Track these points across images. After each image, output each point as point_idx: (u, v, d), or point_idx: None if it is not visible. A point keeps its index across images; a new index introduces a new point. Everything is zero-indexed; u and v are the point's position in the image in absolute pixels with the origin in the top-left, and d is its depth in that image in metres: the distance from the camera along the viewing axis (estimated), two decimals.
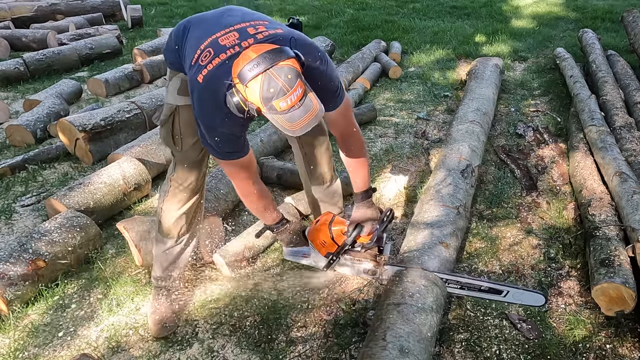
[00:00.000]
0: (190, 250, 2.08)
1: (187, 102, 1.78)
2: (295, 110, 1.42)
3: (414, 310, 1.77)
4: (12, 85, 4.67)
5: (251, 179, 1.77)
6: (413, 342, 1.65)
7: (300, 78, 1.42)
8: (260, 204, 1.85)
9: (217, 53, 1.53)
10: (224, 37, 1.57)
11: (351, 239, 1.90)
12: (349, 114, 1.84)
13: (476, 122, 3.24)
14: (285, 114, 1.42)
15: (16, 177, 3.12)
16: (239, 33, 1.57)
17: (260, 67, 1.38)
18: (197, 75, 1.54)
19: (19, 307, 2.08)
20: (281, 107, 1.40)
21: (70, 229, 2.31)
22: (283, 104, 1.40)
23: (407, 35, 6.15)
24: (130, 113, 3.45)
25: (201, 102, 1.56)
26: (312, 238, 1.97)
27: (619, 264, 2.04)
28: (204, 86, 1.53)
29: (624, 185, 2.48)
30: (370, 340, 1.69)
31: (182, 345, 1.96)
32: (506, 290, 1.92)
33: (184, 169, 1.91)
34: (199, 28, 1.68)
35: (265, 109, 1.43)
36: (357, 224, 1.92)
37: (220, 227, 2.43)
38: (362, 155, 1.92)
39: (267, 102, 1.40)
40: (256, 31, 1.58)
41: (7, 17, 6.33)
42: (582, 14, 6.89)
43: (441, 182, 2.57)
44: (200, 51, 1.57)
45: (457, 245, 2.27)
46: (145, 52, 5.23)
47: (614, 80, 3.96)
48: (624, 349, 1.90)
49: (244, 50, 1.48)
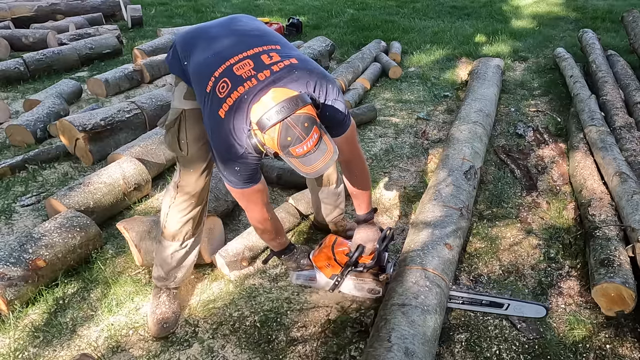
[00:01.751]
0: (195, 252, 2.08)
1: (193, 105, 1.78)
2: (311, 155, 1.46)
3: (418, 312, 1.77)
4: (12, 85, 4.67)
5: (265, 206, 1.80)
6: (418, 345, 1.65)
7: (316, 124, 1.46)
8: (272, 231, 1.89)
9: (234, 85, 1.54)
10: (238, 65, 1.57)
11: (353, 260, 1.94)
12: (354, 140, 1.86)
13: (479, 123, 3.24)
14: (302, 157, 1.47)
15: (16, 177, 3.12)
16: (254, 62, 1.57)
17: (278, 117, 1.41)
18: (217, 110, 1.54)
19: (19, 307, 2.08)
20: (297, 152, 1.45)
21: (70, 229, 2.31)
22: (299, 150, 1.44)
23: (407, 35, 6.15)
24: (130, 113, 3.45)
25: (222, 136, 1.57)
26: (317, 261, 2.02)
27: (619, 264, 2.04)
28: (226, 120, 1.54)
29: (624, 185, 2.48)
30: (375, 341, 1.69)
31: (182, 345, 1.96)
32: (507, 304, 1.96)
33: (189, 175, 1.89)
34: (208, 48, 1.66)
35: (282, 154, 1.48)
36: (359, 245, 1.97)
37: (220, 227, 2.43)
38: (365, 179, 1.96)
39: (285, 148, 1.44)
40: (271, 61, 1.57)
41: (7, 17, 6.32)
42: (582, 14, 6.89)
43: (443, 183, 2.57)
44: (215, 79, 1.57)
45: (460, 246, 2.26)
46: (145, 52, 5.23)
47: (614, 80, 3.96)
48: (624, 349, 1.90)
49: (261, 88, 1.50)
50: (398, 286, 1.91)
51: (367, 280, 2.01)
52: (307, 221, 2.65)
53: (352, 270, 1.97)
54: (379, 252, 1.95)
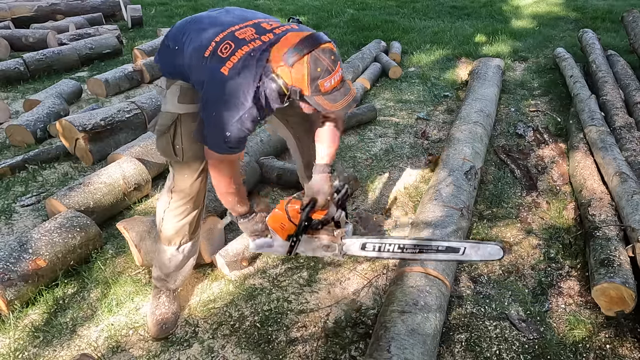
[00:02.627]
0: (193, 257, 2.06)
1: (189, 109, 1.75)
2: (337, 92, 1.52)
3: (418, 319, 1.76)
4: (12, 85, 4.67)
5: (236, 175, 1.77)
6: (417, 354, 1.65)
7: (339, 60, 1.51)
8: (236, 198, 1.83)
9: (238, 45, 1.54)
10: (240, 31, 1.58)
11: (305, 214, 1.81)
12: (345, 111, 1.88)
13: (479, 123, 3.24)
14: (328, 94, 1.51)
15: (16, 177, 3.12)
16: (255, 28, 1.59)
17: (305, 49, 1.45)
18: (219, 67, 1.52)
19: (19, 307, 2.08)
20: (325, 87, 1.49)
21: (70, 229, 2.31)
22: (327, 84, 1.49)
23: (407, 35, 6.16)
24: (130, 113, 3.45)
25: (223, 94, 1.53)
26: (272, 223, 1.90)
27: (619, 264, 2.04)
28: (230, 77, 1.52)
29: (624, 185, 2.48)
30: (375, 350, 1.68)
31: (182, 345, 1.96)
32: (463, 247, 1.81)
33: (184, 179, 1.85)
34: (203, 26, 1.65)
35: (310, 90, 1.50)
36: (310, 198, 1.86)
37: (220, 227, 2.43)
38: (337, 136, 1.93)
39: (314, 82, 1.48)
40: (271, 27, 1.60)
41: (7, 17, 6.33)
42: (582, 14, 6.89)
43: (443, 182, 2.57)
44: (215, 44, 1.56)
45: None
46: (145, 52, 5.23)
47: (614, 80, 3.97)
48: (624, 349, 1.90)
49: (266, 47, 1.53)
50: (398, 290, 1.91)
51: (322, 237, 1.88)
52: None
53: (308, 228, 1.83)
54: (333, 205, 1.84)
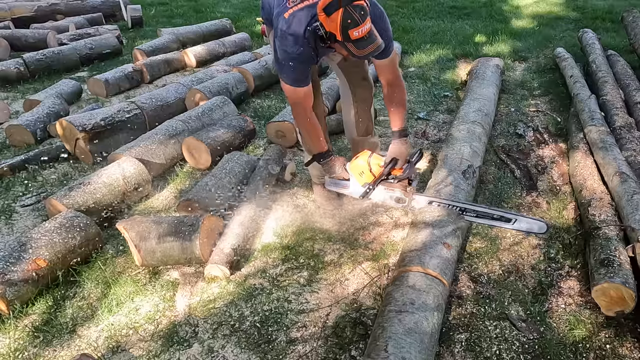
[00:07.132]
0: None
1: None
2: (364, 41, 1.87)
3: (415, 318, 1.76)
4: (12, 85, 4.67)
5: (308, 109, 2.20)
6: (415, 354, 1.65)
7: (369, 16, 1.85)
8: (313, 133, 2.26)
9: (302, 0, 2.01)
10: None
11: (387, 170, 2.23)
12: (396, 66, 2.28)
13: (478, 122, 3.24)
14: (357, 42, 1.86)
15: (16, 177, 3.12)
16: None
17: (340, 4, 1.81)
18: (284, 12, 2.00)
19: (19, 307, 2.08)
20: (354, 35, 1.84)
21: (70, 229, 2.31)
22: (356, 33, 1.83)
23: (407, 35, 6.15)
24: (130, 113, 3.45)
25: (284, 32, 1.99)
26: (353, 169, 2.29)
27: (619, 264, 2.04)
28: (289, 20, 1.98)
29: (624, 185, 2.48)
30: (372, 351, 1.68)
31: (182, 345, 1.96)
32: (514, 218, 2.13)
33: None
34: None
35: (341, 38, 1.86)
36: (393, 157, 2.26)
37: (220, 227, 2.44)
38: (403, 99, 2.35)
39: (345, 30, 1.83)
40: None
41: (7, 17, 6.33)
42: (582, 14, 6.89)
43: (442, 182, 2.57)
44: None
45: (459, 246, 2.27)
46: (145, 52, 5.23)
47: (614, 80, 3.96)
48: (624, 349, 1.90)
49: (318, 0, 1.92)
50: (395, 290, 1.91)
51: (396, 190, 2.25)
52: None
53: (385, 180, 2.23)
54: (410, 166, 2.21)
